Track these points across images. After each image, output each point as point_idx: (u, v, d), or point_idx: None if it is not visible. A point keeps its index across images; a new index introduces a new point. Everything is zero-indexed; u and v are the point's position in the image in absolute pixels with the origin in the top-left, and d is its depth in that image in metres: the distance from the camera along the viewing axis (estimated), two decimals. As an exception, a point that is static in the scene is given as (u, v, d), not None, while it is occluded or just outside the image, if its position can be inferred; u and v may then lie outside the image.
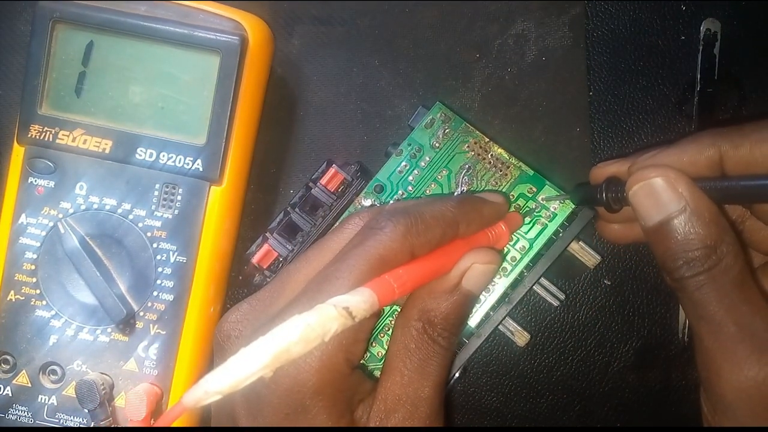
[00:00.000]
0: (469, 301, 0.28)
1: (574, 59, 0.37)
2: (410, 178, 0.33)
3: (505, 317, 0.32)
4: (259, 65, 0.33)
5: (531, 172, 0.33)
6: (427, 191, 0.33)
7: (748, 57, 0.38)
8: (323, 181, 0.34)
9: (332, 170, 0.34)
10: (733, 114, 0.38)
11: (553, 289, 0.32)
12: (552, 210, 0.33)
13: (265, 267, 0.33)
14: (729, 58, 0.37)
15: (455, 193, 0.33)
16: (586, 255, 0.32)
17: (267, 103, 0.36)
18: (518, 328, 0.32)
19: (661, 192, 0.25)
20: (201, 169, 0.32)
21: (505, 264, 0.32)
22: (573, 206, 0.32)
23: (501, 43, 0.37)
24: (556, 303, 0.32)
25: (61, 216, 0.33)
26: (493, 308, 0.32)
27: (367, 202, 0.33)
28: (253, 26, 0.33)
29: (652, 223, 0.26)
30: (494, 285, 0.32)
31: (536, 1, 0.37)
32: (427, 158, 0.33)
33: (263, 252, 0.33)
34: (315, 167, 0.35)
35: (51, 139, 0.33)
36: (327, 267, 0.27)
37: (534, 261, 0.32)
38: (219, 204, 0.33)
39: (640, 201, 0.26)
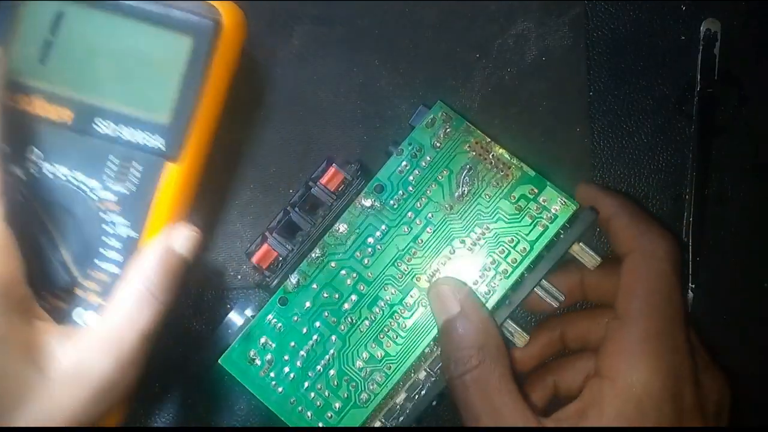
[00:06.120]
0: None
1: (574, 59, 0.37)
2: (411, 177, 0.33)
3: (505, 320, 0.32)
4: (230, 48, 0.33)
5: (532, 173, 0.33)
6: (428, 191, 0.33)
7: (748, 57, 0.38)
8: (323, 180, 0.33)
9: (332, 169, 0.34)
10: (733, 114, 0.38)
11: (552, 290, 0.32)
12: (553, 212, 0.32)
13: (264, 267, 0.33)
14: (729, 58, 0.37)
15: (456, 194, 0.33)
16: (586, 256, 0.32)
17: (266, 102, 0.36)
18: (517, 329, 0.32)
19: (444, 297, 0.31)
20: (160, 147, 0.32)
21: (505, 266, 0.32)
22: (574, 208, 0.32)
23: (501, 43, 0.37)
24: (555, 304, 0.32)
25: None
26: (493, 311, 0.32)
27: (367, 202, 0.33)
28: (226, 10, 0.33)
29: (439, 324, 0.31)
30: (495, 287, 0.32)
31: (536, 1, 0.37)
32: (428, 158, 0.33)
33: (263, 252, 0.33)
34: (315, 167, 0.35)
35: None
36: None
37: (534, 263, 0.32)
38: (174, 182, 0.32)
39: (432, 303, 0.32)
